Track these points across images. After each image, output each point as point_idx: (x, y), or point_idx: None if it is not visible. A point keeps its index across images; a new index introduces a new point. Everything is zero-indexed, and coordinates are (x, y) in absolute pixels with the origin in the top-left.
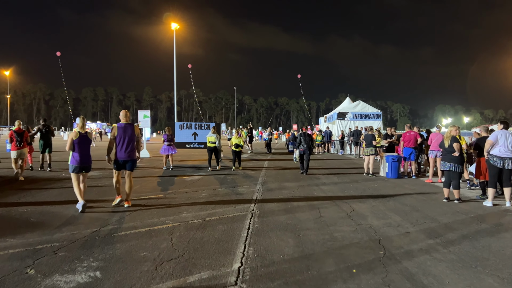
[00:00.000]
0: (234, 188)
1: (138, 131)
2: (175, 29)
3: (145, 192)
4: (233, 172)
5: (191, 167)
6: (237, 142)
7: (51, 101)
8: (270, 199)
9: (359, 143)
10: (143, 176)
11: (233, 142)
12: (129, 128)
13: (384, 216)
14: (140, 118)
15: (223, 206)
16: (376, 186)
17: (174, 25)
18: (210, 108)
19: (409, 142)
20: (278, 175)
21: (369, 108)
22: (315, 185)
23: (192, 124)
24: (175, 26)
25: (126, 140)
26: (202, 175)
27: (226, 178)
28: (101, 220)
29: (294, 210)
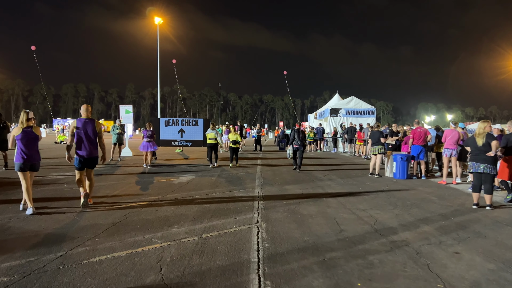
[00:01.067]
0: (230, 192)
1: (100, 126)
2: (158, 23)
3: (127, 199)
4: (225, 171)
5: (178, 166)
6: (234, 138)
7: (30, 97)
8: (274, 207)
9: (354, 140)
10: (124, 178)
11: (231, 138)
12: (89, 124)
13: (416, 229)
14: (122, 113)
15: (221, 216)
16: (388, 189)
17: (158, 19)
18: (194, 105)
19: (418, 139)
20: (276, 176)
21: (362, 104)
22: (320, 188)
23: (179, 120)
24: (159, 20)
25: (86, 137)
26: (191, 176)
27: (219, 180)
28: (69, 239)
29: (306, 221)
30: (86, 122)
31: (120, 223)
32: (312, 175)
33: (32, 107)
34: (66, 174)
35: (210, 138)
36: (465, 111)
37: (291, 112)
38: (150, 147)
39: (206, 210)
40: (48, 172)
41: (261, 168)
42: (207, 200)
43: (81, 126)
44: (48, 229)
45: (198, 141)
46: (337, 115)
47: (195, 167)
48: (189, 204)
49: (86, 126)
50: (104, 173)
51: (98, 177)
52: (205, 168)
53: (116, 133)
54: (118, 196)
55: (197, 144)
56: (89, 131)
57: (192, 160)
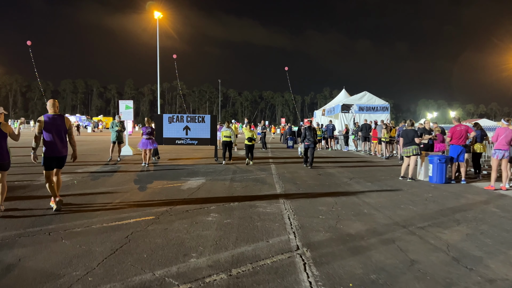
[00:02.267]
0: (251, 202)
1: (70, 123)
2: (158, 18)
3: (129, 211)
4: (237, 173)
5: (184, 167)
6: (250, 135)
7: (28, 93)
8: (310, 224)
9: (369, 138)
10: (124, 182)
11: (247, 135)
12: (58, 120)
13: (507, 258)
14: (121, 109)
15: (249, 238)
16: (432, 196)
17: (157, 14)
18: (194, 102)
19: (459, 138)
20: (296, 180)
21: (375, 99)
22: (353, 196)
23: (184, 116)
24: (158, 15)
25: (55, 134)
26: (201, 180)
27: (234, 185)
28: (52, 278)
29: (360, 247)
30: (54, 118)
31: (121, 249)
32: (336, 178)
33: (31, 103)
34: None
35: (225, 136)
36: (465, 107)
37: (291, 109)
38: (149, 145)
39: (228, 228)
40: (39, 174)
41: (276, 170)
42: (226, 213)
43: (49, 123)
44: (26, 260)
45: (205, 140)
46: (348, 111)
47: (203, 168)
48: (205, 218)
49: (54, 122)
50: (102, 176)
51: (95, 182)
52: (214, 169)
53: (115, 131)
54: (118, 208)
55: (203, 143)
56: (58, 128)
57: (197, 160)
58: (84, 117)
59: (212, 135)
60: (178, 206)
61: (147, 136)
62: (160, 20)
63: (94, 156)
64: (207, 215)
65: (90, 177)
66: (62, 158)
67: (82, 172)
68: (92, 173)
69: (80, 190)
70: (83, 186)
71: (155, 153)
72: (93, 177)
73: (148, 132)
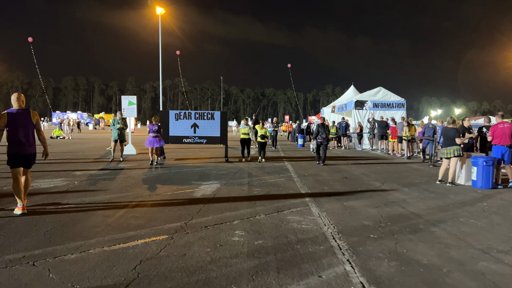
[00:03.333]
0: (279, 214)
1: (36, 117)
2: (160, 14)
3: (135, 227)
4: (254, 176)
5: (193, 168)
6: (262, 133)
7: (30, 90)
8: (362, 244)
9: (386, 137)
10: (128, 187)
11: (259, 133)
12: (23, 115)
13: None
14: (124, 105)
15: (296, 274)
16: (488, 206)
17: (160, 9)
18: (195, 99)
19: (501, 137)
20: (321, 184)
21: (391, 95)
22: (398, 206)
23: (192, 113)
24: (161, 11)
25: (20, 130)
26: (216, 185)
27: (253, 191)
28: None
29: (444, 284)
30: (19, 113)
31: None
32: (366, 182)
33: (32, 100)
34: (55, 181)
35: (243, 133)
36: (468, 105)
37: (294, 106)
38: (156, 143)
39: (263, 254)
40: (33, 178)
41: (295, 172)
42: (254, 230)
43: (13, 118)
44: None
45: (214, 138)
46: (362, 108)
47: (214, 170)
48: (230, 237)
49: (19, 117)
50: (103, 179)
51: (95, 187)
52: (227, 170)
53: (116, 128)
54: (122, 223)
55: (213, 142)
56: (23, 123)
57: (206, 161)
58: (85, 114)
59: (222, 133)
60: (194, 220)
61: (154, 133)
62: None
63: (95, 156)
64: (231, 232)
65: (89, 181)
66: (29, 156)
67: (80, 174)
68: (92, 176)
69: (77, 197)
70: (80, 192)
71: (161, 153)
72: (93, 181)
73: (155, 130)
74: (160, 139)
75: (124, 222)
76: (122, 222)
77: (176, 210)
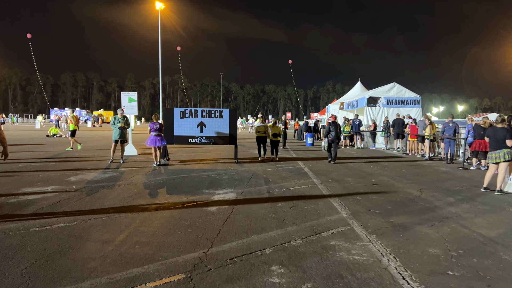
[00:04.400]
0: (320, 237)
1: None
2: (160, 9)
3: (139, 259)
4: (273, 182)
5: (202, 172)
6: (276, 131)
7: (28, 86)
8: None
9: (402, 135)
10: (129, 199)
11: (272, 131)
12: None
13: None
14: (124, 101)
15: None
16: None
17: (159, 4)
18: (195, 95)
19: None
20: (355, 195)
21: (405, 92)
22: (457, 224)
23: (198, 110)
24: (160, 6)
25: None
26: (231, 194)
27: (278, 202)
28: None
29: None
30: None
31: None
32: (397, 189)
33: (30, 96)
34: (45, 190)
35: (259, 131)
36: (469, 102)
37: (294, 103)
38: (158, 142)
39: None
40: (19, 185)
41: (316, 176)
42: (296, 265)
43: None
44: None
45: (223, 138)
46: (375, 105)
47: (225, 174)
48: (267, 277)
49: None
50: (101, 187)
51: (91, 199)
52: (239, 175)
53: (117, 128)
54: (123, 254)
55: (221, 142)
56: None
57: (214, 162)
58: (84, 111)
59: (231, 133)
60: (215, 247)
61: (156, 132)
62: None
63: (92, 158)
64: (266, 269)
65: (85, 190)
66: None
67: (76, 180)
68: (88, 183)
69: (70, 213)
70: (74, 204)
71: (164, 154)
72: (90, 189)
73: (156, 128)
74: (162, 138)
75: (126, 252)
76: (124, 251)
77: (190, 231)
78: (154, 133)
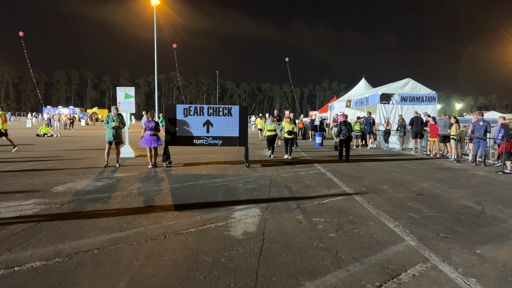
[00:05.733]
0: (401, 283)
1: None
2: (155, 4)
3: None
4: (297, 192)
5: (213, 181)
6: (290, 129)
7: (21, 84)
8: None
9: (422, 135)
10: (129, 213)
11: (286, 128)
12: None
13: None
14: (119, 98)
15: None
16: None
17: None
18: (191, 93)
19: None
20: (404, 209)
21: (420, 88)
22: None
23: (204, 108)
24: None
25: None
26: (254, 210)
27: (317, 224)
28: None
29: None
30: None
31: None
32: (449, 201)
33: (23, 94)
34: (24, 206)
35: (269, 129)
36: (464, 99)
37: (290, 101)
38: (154, 142)
39: None
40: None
41: (344, 183)
42: None
43: None
44: None
45: (232, 139)
46: (388, 102)
47: (239, 181)
48: None
49: None
50: (93, 200)
51: (79, 218)
52: (255, 181)
53: (111, 127)
54: None
55: (230, 143)
56: None
57: (221, 166)
58: (77, 109)
59: (241, 133)
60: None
61: (151, 131)
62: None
63: (84, 161)
64: None
65: (73, 204)
66: None
67: (63, 191)
68: (78, 195)
69: (50, 242)
70: (56, 230)
71: (166, 157)
72: (78, 204)
73: (151, 127)
74: (158, 137)
75: None
76: None
77: (216, 275)
78: (150, 132)
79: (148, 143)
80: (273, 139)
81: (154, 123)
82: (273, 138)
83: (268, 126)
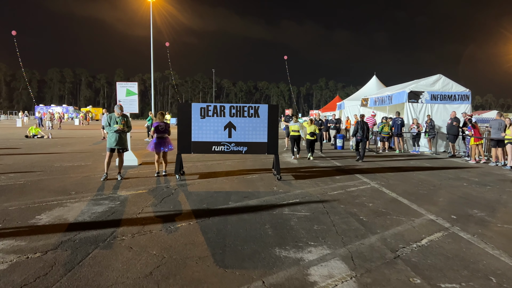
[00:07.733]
0: None
1: None
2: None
3: None
4: (365, 219)
5: (244, 202)
6: (312, 130)
7: (13, 82)
8: None
9: (462, 137)
10: (146, 274)
11: (308, 130)
12: None
13: None
14: (120, 96)
15: None
16: None
17: None
18: (186, 92)
19: None
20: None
21: (453, 85)
22: None
23: (226, 108)
24: None
25: None
26: (335, 262)
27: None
28: None
29: None
30: None
31: None
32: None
33: (15, 93)
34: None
35: (293, 130)
36: None
37: (287, 100)
38: (163, 146)
39: None
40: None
41: (421, 207)
42: None
43: None
44: None
45: (259, 145)
46: (417, 100)
47: (282, 203)
48: None
49: None
50: (92, 243)
51: (69, 280)
52: (304, 205)
53: (113, 130)
54: None
55: (256, 150)
56: None
57: (243, 176)
58: (71, 107)
59: (271, 138)
60: None
61: (161, 134)
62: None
63: (78, 170)
64: None
65: (58, 258)
66: None
67: (48, 222)
68: (67, 233)
69: None
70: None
71: (179, 168)
72: (69, 257)
73: (161, 129)
74: (168, 141)
75: None
76: None
77: None
78: (159, 135)
79: (158, 148)
80: (297, 139)
81: (164, 125)
82: (298, 138)
83: (292, 126)
